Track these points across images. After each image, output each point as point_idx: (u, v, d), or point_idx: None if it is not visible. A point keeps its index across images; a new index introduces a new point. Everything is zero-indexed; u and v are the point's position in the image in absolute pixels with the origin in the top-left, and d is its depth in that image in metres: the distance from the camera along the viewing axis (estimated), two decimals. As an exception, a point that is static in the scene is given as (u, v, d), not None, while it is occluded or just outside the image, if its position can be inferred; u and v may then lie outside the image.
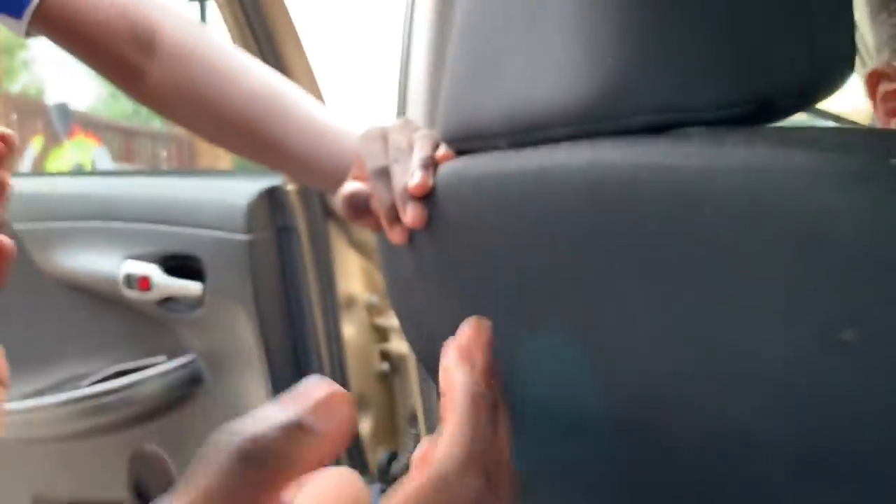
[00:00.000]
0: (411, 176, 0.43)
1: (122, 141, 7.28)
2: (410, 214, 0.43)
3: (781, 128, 0.30)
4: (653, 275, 0.32)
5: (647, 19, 0.32)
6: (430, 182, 0.43)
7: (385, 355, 1.07)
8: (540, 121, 0.36)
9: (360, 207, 0.49)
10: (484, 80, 0.39)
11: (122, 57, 0.64)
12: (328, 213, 1.01)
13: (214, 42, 0.67)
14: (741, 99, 0.32)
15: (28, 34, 0.65)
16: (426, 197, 0.43)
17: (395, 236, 0.45)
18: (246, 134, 0.65)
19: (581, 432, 0.40)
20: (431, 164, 0.44)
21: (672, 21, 0.31)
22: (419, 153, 0.44)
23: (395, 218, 0.45)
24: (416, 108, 0.74)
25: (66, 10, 0.63)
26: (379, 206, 0.46)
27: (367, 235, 1.03)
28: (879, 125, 0.61)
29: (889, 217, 0.26)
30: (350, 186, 0.50)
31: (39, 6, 0.62)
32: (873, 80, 0.60)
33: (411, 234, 0.45)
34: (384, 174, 0.46)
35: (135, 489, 1.13)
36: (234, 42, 0.93)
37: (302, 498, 0.53)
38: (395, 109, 0.76)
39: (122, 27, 0.63)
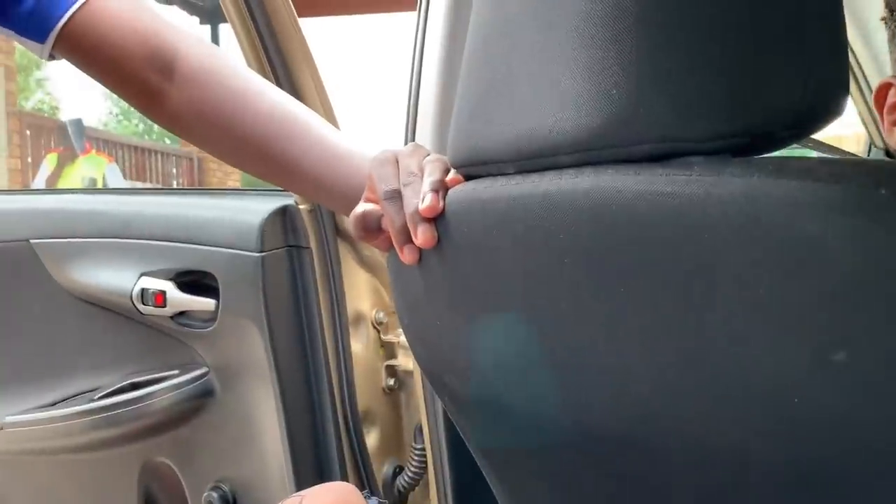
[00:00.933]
0: (422, 199, 0.44)
1: (134, 158, 7.34)
2: (421, 235, 0.44)
3: (778, 158, 0.32)
4: (651, 297, 0.33)
5: (650, 53, 0.33)
6: (441, 205, 0.44)
7: (391, 371, 1.08)
8: (546, 148, 0.37)
9: (371, 228, 0.51)
10: (492, 108, 0.41)
11: (141, 80, 0.65)
12: (338, 232, 1.03)
13: (231, 65, 0.68)
14: (739, 130, 0.33)
15: (51, 57, 0.67)
16: (436, 219, 0.44)
17: (407, 257, 0.46)
18: (260, 154, 0.66)
19: (578, 446, 0.41)
20: (441, 188, 0.45)
21: (673, 55, 0.33)
22: (430, 177, 0.46)
23: (406, 239, 0.46)
24: (426, 133, 0.76)
25: (88, 35, 0.64)
26: (391, 227, 0.47)
27: (375, 254, 1.05)
28: (885, 135, 0.63)
29: (877, 244, 0.27)
30: (362, 207, 0.52)
31: (62, 31, 0.63)
32: (882, 92, 0.62)
33: (421, 255, 0.47)
34: (396, 197, 0.47)
35: (144, 501, 1.14)
36: (249, 65, 0.95)
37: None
38: (404, 134, 0.78)
39: (142, 51, 0.65)
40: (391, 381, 1.08)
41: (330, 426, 1.00)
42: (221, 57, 0.69)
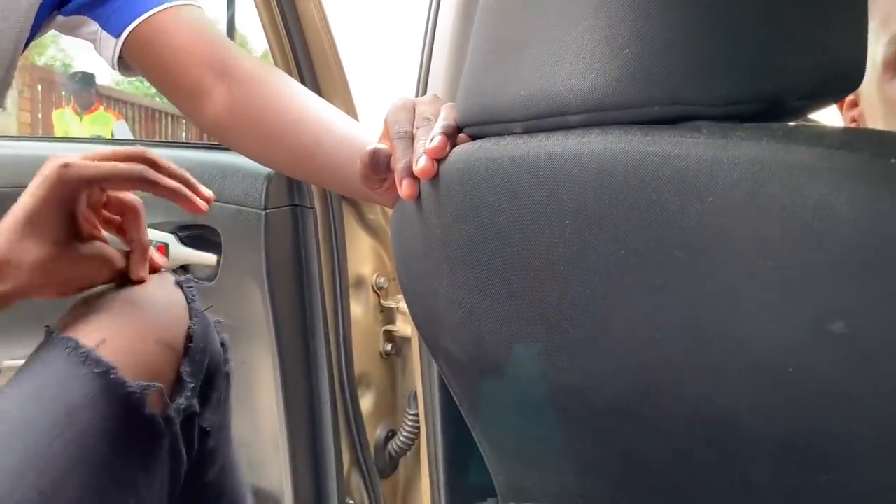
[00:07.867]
0: (430, 139, 0.45)
1: (144, 119, 7.32)
2: (421, 165, 0.44)
3: (788, 125, 0.31)
4: (652, 260, 0.33)
5: (664, 14, 0.33)
6: (448, 149, 0.44)
7: (389, 336, 1.08)
8: (555, 108, 0.37)
9: (379, 167, 0.51)
10: (503, 66, 0.40)
11: (198, 78, 0.71)
12: (342, 194, 1.02)
13: (274, 72, 0.73)
14: (750, 96, 0.32)
15: (118, 57, 0.71)
16: (439, 170, 0.44)
17: (405, 190, 0.46)
18: (290, 151, 0.70)
19: (572, 412, 0.41)
20: (453, 133, 0.45)
21: (687, 17, 0.32)
22: (443, 121, 0.46)
23: (408, 174, 0.46)
24: (437, 92, 0.75)
25: (162, 33, 0.70)
26: (395, 164, 0.47)
27: (379, 218, 1.04)
28: None
29: (886, 214, 0.27)
30: (373, 146, 0.52)
31: (140, 25, 0.69)
32: None
33: (423, 214, 0.46)
34: (407, 137, 0.48)
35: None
36: (275, 60, 0.97)
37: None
38: (415, 94, 0.77)
39: (208, 53, 0.70)
40: (388, 347, 1.08)
41: (325, 387, 1.00)
42: (268, 66, 0.75)
